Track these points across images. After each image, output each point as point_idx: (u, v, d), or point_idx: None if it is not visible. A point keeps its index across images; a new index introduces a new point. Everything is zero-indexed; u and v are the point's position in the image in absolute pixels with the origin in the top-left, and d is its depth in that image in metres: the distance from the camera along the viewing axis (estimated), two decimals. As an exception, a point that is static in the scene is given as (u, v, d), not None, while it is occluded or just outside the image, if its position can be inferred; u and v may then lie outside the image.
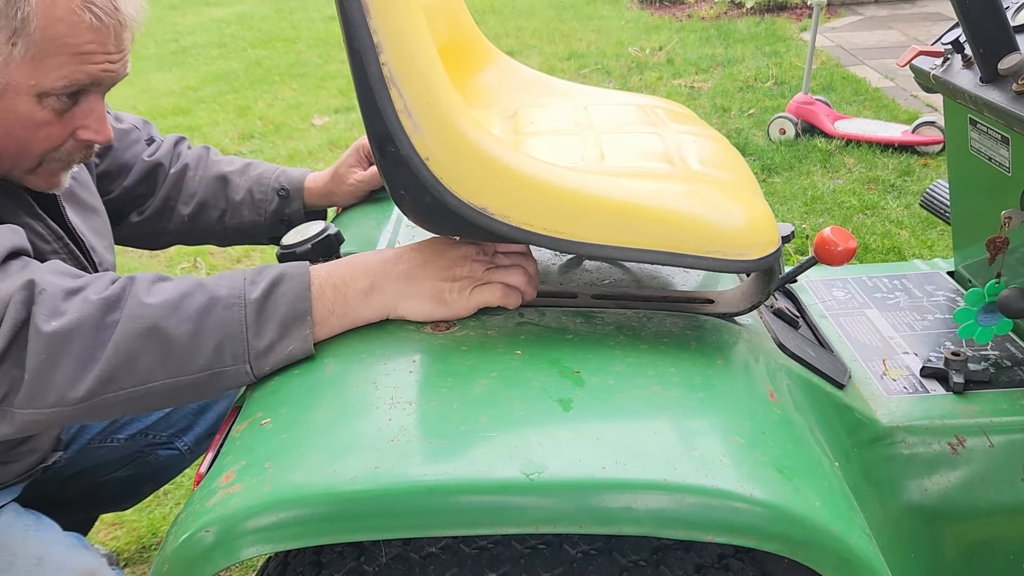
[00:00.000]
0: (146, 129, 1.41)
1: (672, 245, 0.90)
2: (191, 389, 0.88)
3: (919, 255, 2.88)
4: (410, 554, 0.86)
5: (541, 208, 0.87)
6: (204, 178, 1.39)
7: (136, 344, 0.85)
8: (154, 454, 1.48)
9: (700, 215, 0.91)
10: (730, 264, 0.90)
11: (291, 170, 1.44)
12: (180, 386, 0.87)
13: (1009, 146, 1.19)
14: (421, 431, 0.78)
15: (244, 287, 0.89)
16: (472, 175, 0.86)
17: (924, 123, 3.67)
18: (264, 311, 0.88)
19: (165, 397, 0.88)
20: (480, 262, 0.96)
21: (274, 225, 1.39)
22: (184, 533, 0.73)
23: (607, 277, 1.12)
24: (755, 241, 0.92)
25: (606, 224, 0.89)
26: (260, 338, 0.88)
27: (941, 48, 1.32)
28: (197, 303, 0.87)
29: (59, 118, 0.99)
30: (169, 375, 0.86)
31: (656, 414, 0.81)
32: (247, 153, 4.14)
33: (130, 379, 0.85)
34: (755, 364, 0.95)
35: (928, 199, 1.61)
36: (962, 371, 1.14)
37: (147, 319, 0.85)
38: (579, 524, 0.73)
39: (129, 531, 1.90)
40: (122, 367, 0.84)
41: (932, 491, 1.06)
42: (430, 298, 0.94)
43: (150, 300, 0.86)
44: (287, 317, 0.89)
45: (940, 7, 6.43)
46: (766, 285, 1.00)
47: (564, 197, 0.88)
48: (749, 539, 0.74)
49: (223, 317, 0.87)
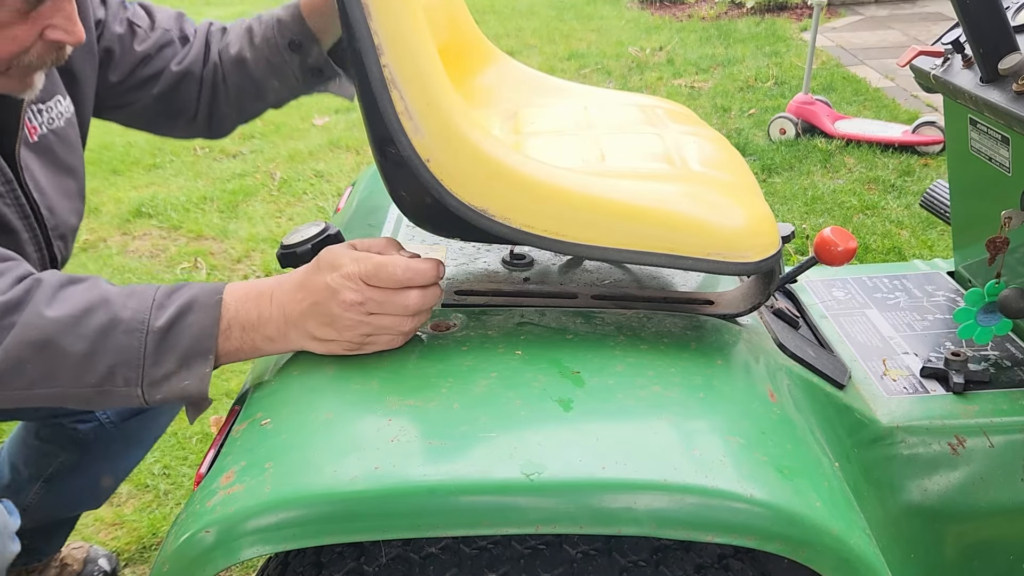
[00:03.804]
0: (179, 25, 1.33)
1: (673, 247, 0.90)
2: (79, 400, 0.86)
3: (919, 255, 2.88)
4: (410, 554, 0.86)
5: (542, 211, 0.87)
6: (230, 74, 1.32)
7: (27, 352, 0.82)
8: (72, 428, 1.45)
9: (701, 217, 0.91)
10: (731, 267, 0.90)
11: (279, 11, 1.31)
12: (68, 396, 0.85)
13: (1009, 146, 1.19)
14: (421, 431, 0.78)
15: (151, 310, 0.86)
16: (473, 177, 0.86)
17: (924, 123, 3.67)
18: (166, 340, 0.85)
19: (52, 401, 0.86)
20: (360, 313, 0.88)
21: (309, 79, 1.31)
22: (184, 533, 0.73)
23: (607, 277, 1.12)
24: (756, 243, 0.92)
25: (606, 227, 0.89)
26: (157, 368, 0.85)
27: (941, 48, 1.32)
28: (97, 323, 0.84)
29: (24, 19, 0.96)
30: (57, 385, 0.84)
31: (656, 414, 0.82)
32: (248, 154, 4.14)
33: (16, 382, 0.83)
34: (755, 364, 0.95)
35: (928, 199, 1.61)
36: (962, 371, 1.14)
37: (43, 331, 0.82)
38: (579, 524, 0.73)
39: (129, 531, 1.90)
40: (10, 370, 0.83)
41: (932, 491, 1.06)
42: (335, 346, 0.90)
43: (49, 312, 0.83)
44: (188, 352, 0.86)
45: (940, 7, 6.43)
46: (766, 286, 1.00)
47: (564, 200, 0.88)
48: (749, 539, 0.74)
49: (121, 342, 0.84)
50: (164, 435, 2.22)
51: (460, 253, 1.19)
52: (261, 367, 0.98)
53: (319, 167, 3.91)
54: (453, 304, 1.03)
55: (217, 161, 4.06)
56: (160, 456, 2.13)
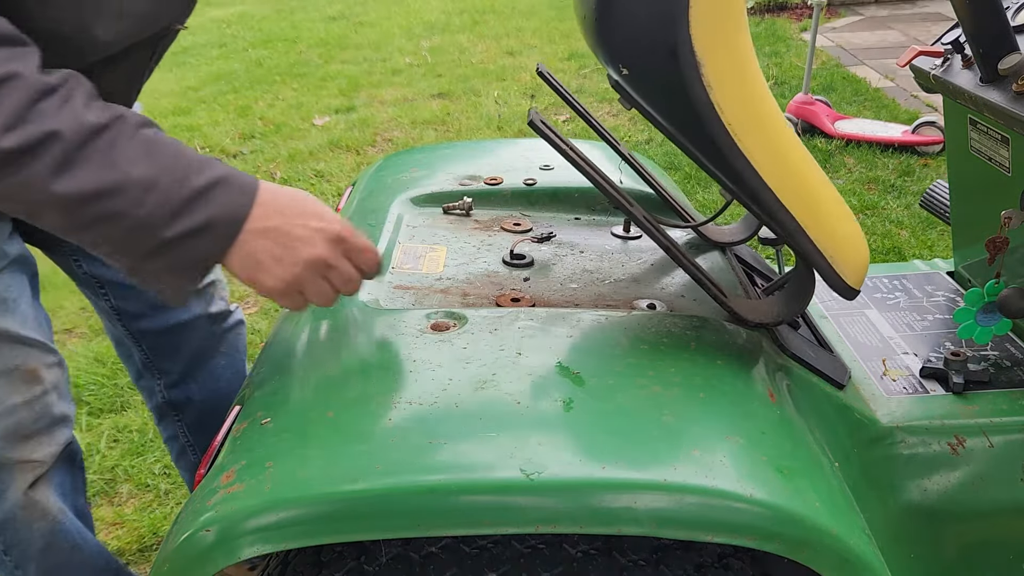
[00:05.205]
0: None
1: (826, 245, 0.93)
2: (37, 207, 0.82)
3: (919, 255, 2.88)
4: (410, 554, 0.86)
5: (771, 149, 0.89)
6: None
7: (6, 199, 0.80)
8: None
9: (856, 235, 0.96)
10: (836, 280, 0.96)
11: None
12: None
13: (1009, 146, 1.19)
14: (421, 431, 0.78)
15: (168, 217, 0.83)
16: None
17: (924, 123, 3.67)
18: (163, 252, 0.83)
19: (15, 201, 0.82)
20: (317, 270, 0.90)
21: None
22: (184, 533, 0.74)
23: (607, 277, 1.12)
24: (860, 277, 0.97)
25: (797, 191, 0.91)
26: (145, 262, 0.84)
27: (941, 48, 1.33)
28: (111, 208, 0.80)
29: None
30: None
31: (656, 414, 0.82)
32: (248, 154, 4.14)
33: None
34: (755, 364, 0.95)
35: (928, 199, 1.61)
36: (962, 371, 1.15)
37: (31, 197, 0.79)
38: (579, 524, 0.73)
39: (129, 531, 1.90)
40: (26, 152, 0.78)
41: (932, 491, 1.06)
42: (262, 273, 0.89)
43: (54, 187, 0.79)
44: (176, 265, 0.84)
45: (940, 7, 6.43)
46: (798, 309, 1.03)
47: (794, 159, 0.91)
48: (749, 539, 0.74)
49: (119, 235, 0.82)
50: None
51: (460, 253, 1.19)
52: (261, 367, 0.98)
53: (319, 167, 3.91)
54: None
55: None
56: (160, 456, 2.13)
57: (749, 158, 0.86)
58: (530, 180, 1.38)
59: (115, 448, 2.19)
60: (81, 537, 1.25)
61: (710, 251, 1.28)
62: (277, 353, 0.98)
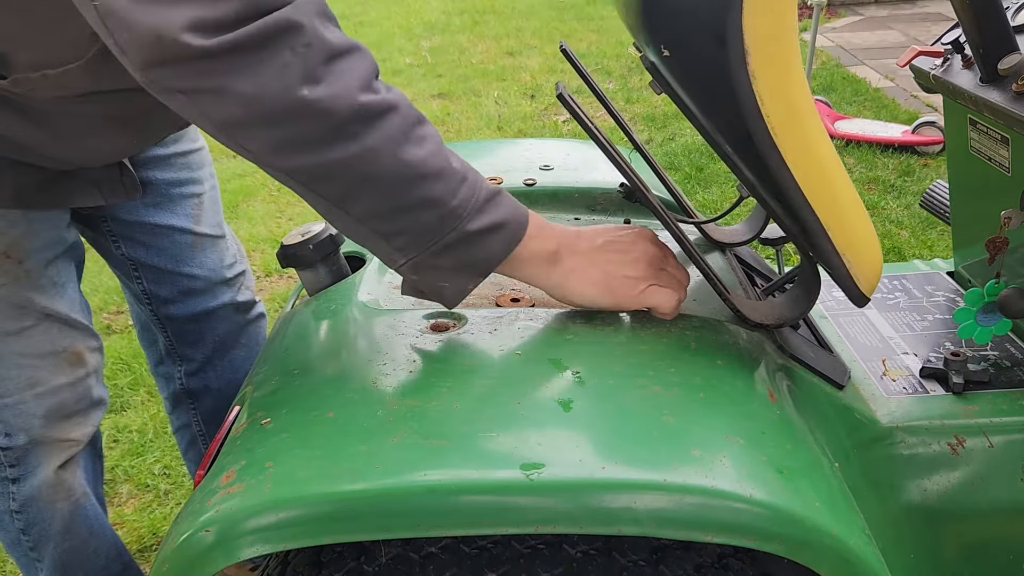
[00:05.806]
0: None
1: (844, 244, 0.92)
2: (341, 223, 0.84)
3: (919, 255, 2.88)
4: (410, 554, 0.86)
5: (808, 151, 0.87)
6: None
7: (343, 173, 0.78)
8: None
9: (873, 242, 0.94)
10: (851, 287, 0.94)
11: None
12: (336, 215, 0.82)
13: (1009, 146, 1.19)
14: (421, 431, 0.78)
15: (470, 211, 0.83)
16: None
17: (924, 123, 3.68)
18: (462, 244, 0.84)
19: (313, 201, 0.83)
20: (655, 266, 0.96)
21: None
22: (184, 533, 0.73)
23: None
24: (873, 285, 0.96)
25: (831, 197, 0.90)
26: (436, 258, 0.84)
27: (941, 48, 1.32)
28: (427, 193, 0.80)
29: None
30: (342, 205, 0.81)
31: (656, 414, 0.82)
32: (247, 153, 4.14)
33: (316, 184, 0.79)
34: (755, 364, 0.95)
35: (928, 199, 1.61)
36: (962, 371, 1.14)
37: (374, 167, 0.78)
38: (579, 524, 0.73)
39: (129, 531, 1.90)
40: (318, 176, 0.78)
41: (932, 491, 1.06)
42: (597, 284, 0.94)
43: (401, 154, 0.78)
44: (470, 264, 0.86)
45: (940, 7, 6.43)
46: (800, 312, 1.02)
47: (829, 164, 0.90)
48: (749, 539, 0.74)
49: (431, 222, 0.81)
50: (164, 435, 2.23)
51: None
52: (261, 367, 0.98)
53: (319, 167, 3.91)
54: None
55: (217, 161, 4.06)
56: (160, 456, 2.13)
57: (782, 151, 0.85)
58: (530, 180, 1.38)
59: (115, 448, 2.19)
60: (99, 523, 1.26)
61: (712, 250, 1.28)
62: (277, 353, 0.98)
